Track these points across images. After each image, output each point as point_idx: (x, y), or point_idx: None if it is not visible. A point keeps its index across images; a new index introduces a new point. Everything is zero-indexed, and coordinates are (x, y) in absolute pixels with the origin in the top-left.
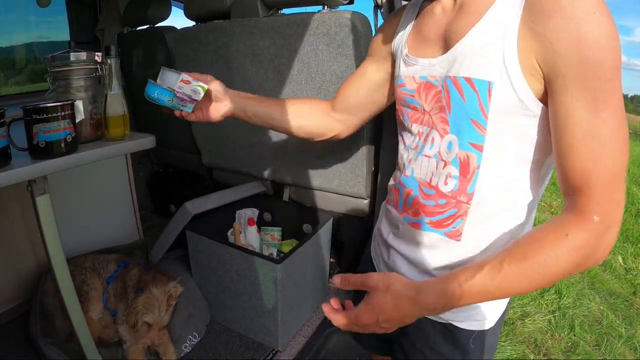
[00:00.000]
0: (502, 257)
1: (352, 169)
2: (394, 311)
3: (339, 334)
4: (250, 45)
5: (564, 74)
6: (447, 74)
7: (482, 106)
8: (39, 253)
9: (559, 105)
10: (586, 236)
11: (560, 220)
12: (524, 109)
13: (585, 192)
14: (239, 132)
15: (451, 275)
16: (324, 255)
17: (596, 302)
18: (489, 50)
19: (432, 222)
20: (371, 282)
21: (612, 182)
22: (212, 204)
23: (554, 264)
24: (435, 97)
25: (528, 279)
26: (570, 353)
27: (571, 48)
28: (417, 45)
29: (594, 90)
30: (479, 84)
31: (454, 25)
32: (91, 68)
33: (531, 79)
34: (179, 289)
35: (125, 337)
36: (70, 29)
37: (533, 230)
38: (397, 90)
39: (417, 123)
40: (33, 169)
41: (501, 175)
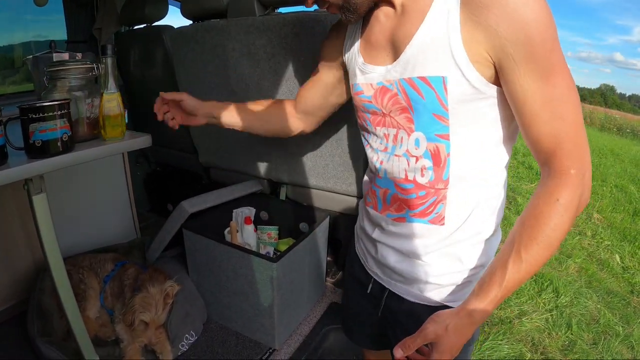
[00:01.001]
0: (516, 247)
1: (348, 167)
2: (461, 340)
3: (335, 332)
4: (246, 44)
5: (512, 55)
6: (401, 76)
7: (441, 100)
8: (36, 252)
9: (514, 84)
10: (571, 191)
11: (546, 188)
12: (479, 94)
13: (558, 152)
14: (236, 131)
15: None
16: (320, 253)
17: (593, 300)
18: (437, 48)
19: (415, 213)
20: (431, 335)
21: (577, 134)
22: (209, 203)
23: (558, 230)
24: (392, 100)
25: (544, 253)
26: (567, 352)
27: (514, 31)
28: (369, 53)
29: (541, 62)
30: (433, 80)
31: (400, 30)
32: (87, 67)
33: (480, 66)
34: (175, 287)
35: (123, 336)
36: (67, 28)
37: (529, 208)
38: (356, 97)
39: (380, 126)
40: (29, 168)
41: (471, 156)
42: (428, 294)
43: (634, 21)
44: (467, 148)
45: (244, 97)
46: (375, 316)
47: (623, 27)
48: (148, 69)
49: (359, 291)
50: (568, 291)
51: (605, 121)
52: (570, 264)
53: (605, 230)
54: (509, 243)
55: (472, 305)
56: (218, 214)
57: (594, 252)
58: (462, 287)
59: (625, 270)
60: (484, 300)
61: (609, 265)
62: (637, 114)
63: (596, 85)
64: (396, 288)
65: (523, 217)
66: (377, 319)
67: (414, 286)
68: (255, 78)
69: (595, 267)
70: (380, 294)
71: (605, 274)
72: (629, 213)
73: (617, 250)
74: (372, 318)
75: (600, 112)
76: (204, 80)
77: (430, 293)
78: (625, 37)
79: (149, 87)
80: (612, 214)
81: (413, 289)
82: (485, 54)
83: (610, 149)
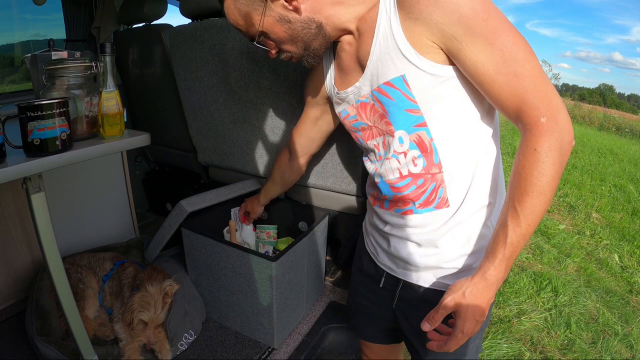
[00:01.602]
0: (511, 204)
1: (347, 167)
2: (481, 303)
3: (335, 331)
4: (245, 42)
5: (453, 35)
6: (371, 88)
7: (407, 95)
8: (35, 251)
9: (464, 60)
10: (547, 138)
11: (523, 142)
12: (439, 79)
13: (523, 107)
14: (235, 130)
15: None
16: (319, 252)
17: (592, 300)
18: (390, 53)
19: (420, 204)
20: (450, 304)
21: (538, 84)
22: (208, 202)
23: (544, 176)
24: (372, 111)
25: (538, 202)
26: (566, 351)
27: (446, 13)
28: (342, 80)
29: (480, 33)
30: (396, 81)
31: (360, 50)
32: (86, 65)
33: (431, 55)
34: (174, 286)
35: (121, 335)
36: (66, 27)
37: (514, 166)
38: (345, 122)
39: (370, 139)
40: (28, 167)
41: (454, 134)
42: (445, 280)
43: (632, 21)
44: (447, 128)
45: (243, 96)
46: (389, 310)
47: (622, 26)
48: (147, 68)
49: (369, 286)
50: (567, 290)
51: (604, 121)
52: (569, 263)
53: (604, 229)
54: (505, 204)
55: (483, 267)
56: (217, 213)
57: (593, 251)
58: None
59: (624, 270)
60: (493, 261)
61: (607, 264)
62: (636, 113)
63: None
64: (411, 277)
65: (512, 172)
66: (390, 312)
67: (429, 273)
68: (255, 76)
69: (594, 266)
70: (394, 287)
71: (604, 273)
72: (627, 212)
73: (615, 249)
74: (385, 312)
75: (599, 111)
76: (203, 79)
77: (447, 279)
78: (624, 36)
79: (148, 86)
80: (610, 213)
81: (429, 275)
82: (430, 42)
83: (609, 149)
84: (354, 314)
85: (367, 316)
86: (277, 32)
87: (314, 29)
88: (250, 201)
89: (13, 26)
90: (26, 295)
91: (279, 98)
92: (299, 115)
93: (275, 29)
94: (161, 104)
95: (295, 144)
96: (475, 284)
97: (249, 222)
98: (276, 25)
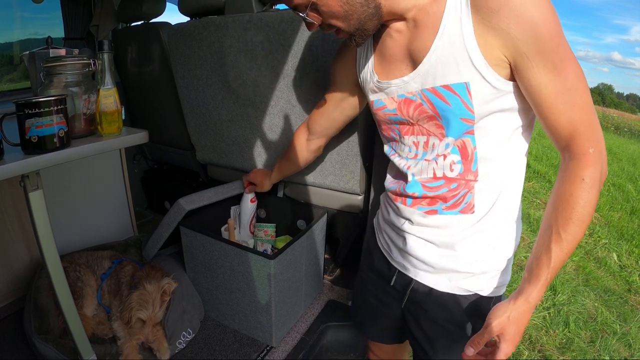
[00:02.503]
0: (555, 229)
1: (346, 165)
2: (522, 325)
3: (333, 329)
4: (244, 40)
5: (526, 53)
6: (423, 87)
7: (467, 104)
8: (33, 250)
9: (529, 80)
10: (594, 169)
11: (570, 170)
12: (499, 93)
13: (576, 136)
14: (234, 128)
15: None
16: (318, 251)
17: (591, 298)
18: (456, 57)
19: (447, 206)
20: (496, 329)
21: (590, 116)
22: (207, 200)
23: (588, 206)
24: (418, 109)
25: (580, 230)
26: (564, 349)
27: (525, 31)
28: (384, 69)
29: (551, 57)
30: (457, 87)
31: (415, 43)
32: (84, 63)
33: (498, 68)
34: (172, 285)
35: (119, 333)
36: (64, 25)
37: (558, 192)
38: (379, 113)
39: (408, 134)
40: (25, 164)
41: (495, 145)
42: (459, 283)
43: (631, 21)
44: (492, 139)
45: (241, 94)
46: (397, 309)
47: (621, 26)
48: (145, 66)
49: (379, 284)
50: (565, 289)
51: (603, 120)
52: (568, 262)
53: (603, 228)
54: (547, 228)
55: (527, 291)
56: (215, 212)
57: (592, 250)
58: (493, 276)
59: (623, 269)
60: (537, 284)
61: (606, 263)
62: (634, 113)
63: (594, 85)
64: (424, 279)
65: (554, 201)
66: (399, 312)
67: (442, 275)
68: (253, 75)
69: (592, 265)
70: (404, 287)
71: (603, 272)
72: (626, 212)
73: (614, 248)
74: (393, 311)
75: (599, 111)
76: (201, 77)
77: (461, 282)
78: (623, 36)
79: (146, 85)
80: (609, 212)
81: (442, 279)
82: (502, 55)
83: (608, 148)
84: (360, 311)
85: (374, 315)
86: (332, 5)
87: (372, 9)
88: (261, 173)
89: (11, 25)
90: (24, 294)
91: (278, 96)
92: (298, 112)
93: (331, 2)
94: (159, 102)
95: (315, 123)
96: (519, 307)
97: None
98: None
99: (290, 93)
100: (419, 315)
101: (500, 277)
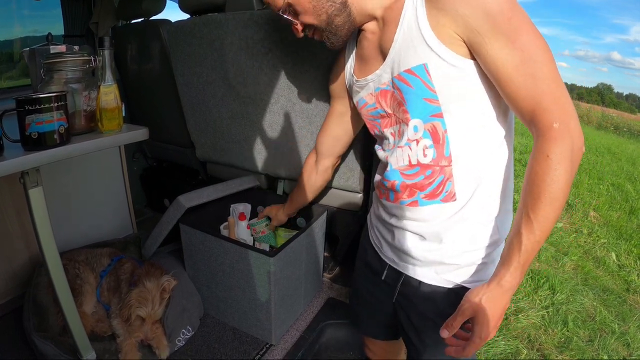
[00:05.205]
0: (524, 211)
1: (346, 163)
2: (497, 309)
3: (332, 328)
4: (244, 38)
5: (477, 29)
6: (392, 75)
7: (427, 84)
8: (32, 247)
9: (485, 55)
10: (559, 144)
11: (536, 148)
12: (459, 71)
13: (538, 110)
14: (234, 125)
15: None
16: (318, 249)
17: (589, 298)
18: (413, 41)
19: (426, 195)
20: (468, 311)
21: (554, 89)
22: (206, 198)
23: (556, 183)
24: (392, 98)
25: (550, 209)
26: (563, 348)
27: (472, 7)
28: (362, 68)
29: (503, 30)
30: (417, 69)
31: (383, 39)
32: (85, 59)
33: (454, 46)
34: (172, 282)
35: (119, 331)
36: (64, 22)
37: (526, 172)
38: (362, 111)
39: (387, 127)
40: (25, 160)
41: (468, 129)
42: (446, 276)
43: (631, 20)
44: (462, 122)
45: (241, 91)
46: (389, 304)
47: (621, 26)
48: (145, 64)
49: (371, 279)
50: (564, 288)
51: (602, 120)
52: (567, 262)
53: (602, 228)
54: (518, 211)
55: (499, 275)
56: (215, 209)
57: (590, 249)
58: (480, 268)
59: (621, 268)
60: (509, 268)
61: (605, 263)
62: (634, 113)
63: (593, 84)
64: (413, 272)
65: (525, 179)
66: (390, 306)
67: (431, 268)
68: (253, 72)
69: (591, 264)
70: (395, 281)
71: (601, 271)
72: (625, 211)
73: (613, 248)
74: (385, 306)
75: (598, 110)
76: (201, 75)
77: (448, 274)
78: (622, 36)
79: (146, 82)
80: (608, 212)
81: (430, 272)
82: (454, 34)
83: (607, 148)
84: (355, 308)
85: (369, 310)
86: (302, 2)
87: (339, 4)
88: (276, 208)
89: (11, 22)
90: (23, 292)
91: (278, 93)
92: (298, 111)
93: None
94: (159, 99)
95: (320, 144)
96: (492, 291)
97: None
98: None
99: (291, 91)
100: (409, 309)
101: (487, 269)
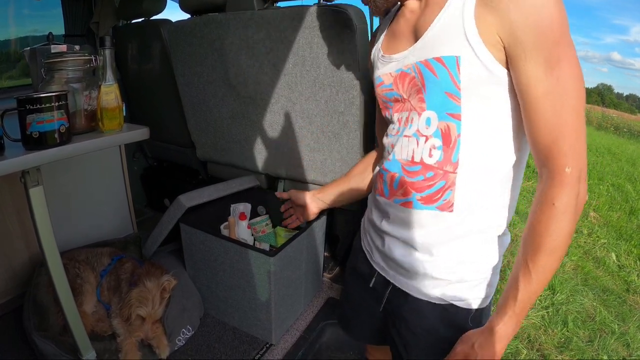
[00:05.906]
0: (524, 259)
1: (346, 163)
2: (489, 356)
3: (332, 327)
4: (245, 38)
5: (521, 39)
6: (418, 59)
7: (454, 79)
8: (33, 246)
9: (519, 69)
10: (567, 192)
11: (542, 192)
12: (491, 76)
13: (554, 148)
14: (234, 125)
15: (503, 300)
16: (318, 249)
17: (589, 298)
18: (452, 31)
19: (422, 198)
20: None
21: (576, 132)
22: (206, 197)
23: (558, 235)
24: (411, 83)
25: (550, 260)
26: (563, 349)
27: (524, 16)
28: (390, 44)
29: (546, 52)
30: (447, 60)
31: (421, 20)
32: (85, 59)
33: (493, 49)
34: (172, 282)
35: (119, 330)
36: (65, 22)
37: (530, 216)
38: (377, 90)
39: (398, 112)
40: (26, 160)
41: (482, 141)
42: (433, 291)
43: (631, 21)
44: (478, 132)
45: (242, 91)
46: (377, 310)
47: (620, 26)
48: (146, 64)
49: (360, 284)
50: (564, 289)
51: (602, 120)
52: (567, 262)
53: (602, 228)
54: (517, 259)
55: (493, 323)
56: (215, 209)
57: (590, 250)
58: (472, 287)
59: (621, 269)
60: (503, 317)
61: (604, 263)
62: (634, 113)
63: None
64: (401, 283)
65: (527, 225)
66: (379, 313)
67: (419, 281)
68: (254, 72)
69: (591, 265)
70: (383, 288)
71: (601, 272)
72: (625, 212)
73: (613, 248)
74: (374, 312)
75: (598, 111)
76: (202, 75)
77: (436, 290)
78: (622, 36)
79: (146, 82)
80: (608, 212)
81: (418, 285)
82: (497, 36)
83: (607, 148)
84: (344, 311)
85: (357, 315)
86: None
87: None
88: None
89: (11, 22)
90: (23, 291)
91: (278, 93)
92: (298, 110)
93: None
94: (160, 99)
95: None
96: (485, 338)
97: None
98: None
99: (291, 91)
100: (398, 320)
101: (480, 289)
